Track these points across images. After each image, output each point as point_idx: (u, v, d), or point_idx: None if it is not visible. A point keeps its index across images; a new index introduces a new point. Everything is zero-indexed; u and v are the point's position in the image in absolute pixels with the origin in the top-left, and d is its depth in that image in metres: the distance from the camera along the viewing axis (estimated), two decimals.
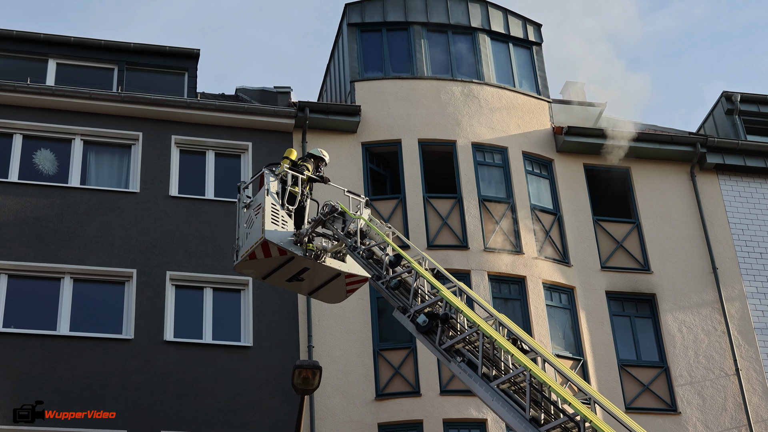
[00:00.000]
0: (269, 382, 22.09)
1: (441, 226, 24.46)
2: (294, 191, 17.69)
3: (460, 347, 15.03)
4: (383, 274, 16.55)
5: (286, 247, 16.93)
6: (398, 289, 16.21)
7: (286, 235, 17.08)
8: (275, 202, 17.29)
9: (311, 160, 18.57)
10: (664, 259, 25.57)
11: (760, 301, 25.49)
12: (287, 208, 17.46)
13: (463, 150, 25.39)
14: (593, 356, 23.76)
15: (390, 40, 27.08)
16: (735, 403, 24.06)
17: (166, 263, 23.04)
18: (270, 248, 16.98)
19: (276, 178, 17.68)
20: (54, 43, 25.97)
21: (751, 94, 29.04)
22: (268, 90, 26.73)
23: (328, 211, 17.33)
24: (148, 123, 24.69)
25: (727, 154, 27.09)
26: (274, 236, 16.87)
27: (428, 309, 15.62)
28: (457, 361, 14.85)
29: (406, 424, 22.28)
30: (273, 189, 17.43)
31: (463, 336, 14.99)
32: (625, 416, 13.37)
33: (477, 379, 14.44)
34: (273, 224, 16.99)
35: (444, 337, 15.25)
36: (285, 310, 22.95)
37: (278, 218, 17.12)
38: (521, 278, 24.01)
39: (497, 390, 14.13)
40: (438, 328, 15.27)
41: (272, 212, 17.06)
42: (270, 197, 17.24)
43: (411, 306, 15.87)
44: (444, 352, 15.08)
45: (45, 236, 22.83)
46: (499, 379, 14.25)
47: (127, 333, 22.17)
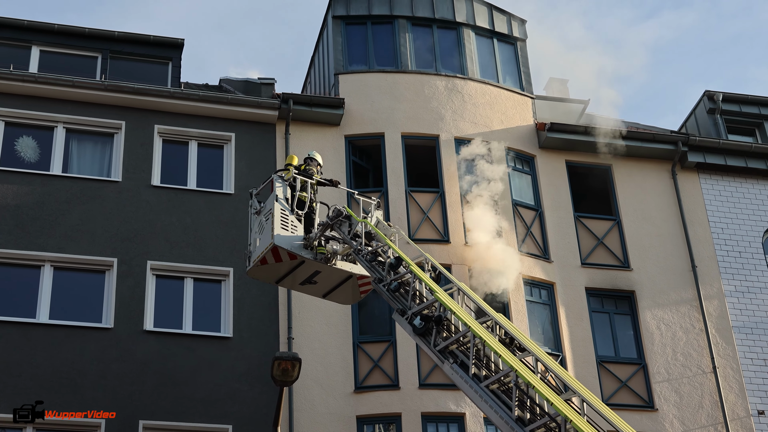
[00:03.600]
0: (248, 373, 22.10)
1: (422, 219, 24.50)
2: (303, 196, 18.15)
3: (454, 349, 15.20)
4: (385, 276, 16.77)
5: (295, 251, 17.47)
6: (398, 291, 16.46)
7: (295, 239, 17.59)
8: (284, 207, 17.75)
9: (312, 163, 19.01)
10: (643, 256, 25.69)
11: (738, 300, 25.64)
12: (296, 213, 17.86)
13: (446, 144, 25.44)
14: (572, 352, 23.86)
15: (375, 34, 27.08)
16: (712, 400, 24.21)
17: (147, 253, 23.01)
18: (280, 253, 17.51)
19: (284, 183, 18.10)
20: (38, 30, 25.87)
21: (733, 94, 29.18)
22: (252, 81, 26.71)
23: (335, 215, 17.74)
24: (131, 112, 24.64)
25: (708, 153, 27.22)
26: (283, 241, 17.39)
27: (426, 311, 15.76)
28: (450, 362, 15.01)
29: (384, 417, 22.34)
30: (282, 195, 17.91)
31: (456, 338, 15.16)
32: (616, 417, 13.43)
33: (468, 380, 14.63)
34: (283, 229, 17.49)
35: (438, 338, 15.45)
36: (265, 301, 22.96)
37: (288, 223, 17.60)
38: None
39: (485, 390, 14.32)
40: (433, 330, 15.43)
41: (281, 218, 17.53)
42: (279, 203, 17.70)
43: (409, 308, 16.04)
44: (438, 354, 15.29)
45: (25, 224, 22.76)
46: (488, 380, 14.40)
47: (106, 322, 22.13)
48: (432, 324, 15.52)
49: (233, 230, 23.61)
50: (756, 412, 24.28)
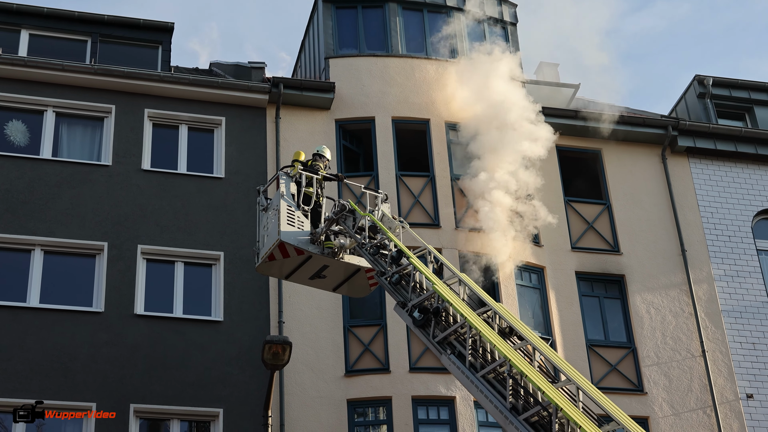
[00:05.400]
0: (239, 356, 22.13)
1: (413, 204, 24.52)
2: (309, 192, 18.43)
3: (452, 340, 15.33)
4: (387, 269, 16.94)
5: (302, 246, 17.80)
6: (399, 284, 16.65)
7: (302, 234, 17.90)
8: (290, 203, 18.04)
9: (320, 159, 19.28)
10: (633, 240, 25.76)
11: (728, 284, 25.73)
12: (303, 209, 18.15)
13: (437, 128, 25.43)
14: (562, 336, 23.93)
15: (365, 18, 27.03)
16: (701, 384, 24.31)
17: (137, 237, 23.00)
18: (287, 249, 17.84)
19: (290, 180, 18.39)
20: (27, 13, 25.75)
21: (723, 78, 29.19)
22: (243, 65, 26.67)
23: (339, 209, 17.96)
24: (121, 96, 24.57)
25: (698, 137, 27.27)
26: (289, 237, 17.72)
27: (426, 303, 15.87)
28: (447, 353, 15.13)
29: (375, 401, 22.39)
30: (288, 191, 18.20)
31: (454, 328, 15.28)
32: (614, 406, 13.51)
33: (465, 371, 14.77)
34: (289, 225, 17.80)
35: (437, 330, 15.60)
36: (256, 285, 22.97)
37: (294, 219, 17.89)
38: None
39: (481, 381, 14.46)
40: (432, 322, 15.55)
41: (288, 214, 17.84)
42: (284, 200, 18.00)
43: (409, 300, 16.16)
44: (437, 345, 15.43)
45: (16, 208, 22.72)
46: (484, 370, 14.52)
47: (97, 306, 22.13)
48: (431, 315, 15.67)
49: (223, 214, 23.61)
50: (745, 395, 24.40)
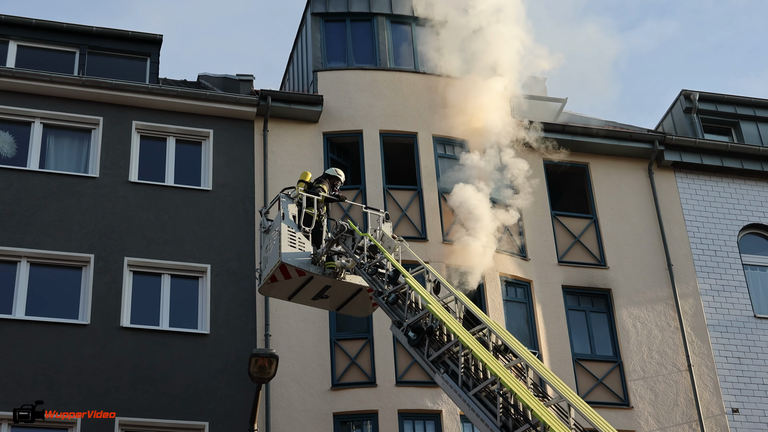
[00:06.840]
0: (225, 370, 22.10)
1: (400, 217, 24.54)
2: (310, 213, 18.55)
3: (446, 359, 15.37)
4: (384, 289, 17.01)
5: (303, 267, 17.95)
6: (395, 303, 16.74)
7: (303, 255, 18.05)
8: (291, 225, 18.20)
9: (326, 180, 19.52)
10: (620, 254, 25.82)
11: (714, 298, 25.80)
12: (304, 230, 18.29)
13: (424, 142, 25.47)
14: (548, 350, 23.96)
15: (353, 31, 27.08)
16: (686, 398, 24.36)
17: (124, 249, 22.97)
18: (288, 270, 17.99)
19: (292, 201, 18.58)
20: (15, 24, 25.72)
21: (710, 93, 29.29)
22: (231, 78, 26.67)
23: (338, 230, 18.04)
24: (108, 108, 24.56)
25: (684, 152, 27.36)
26: (290, 258, 17.87)
27: (421, 322, 15.91)
28: (441, 372, 15.18)
29: (361, 414, 22.38)
30: (289, 213, 18.39)
31: (447, 347, 15.35)
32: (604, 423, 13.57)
33: (457, 389, 14.85)
34: (290, 247, 17.96)
35: (431, 349, 15.67)
36: (243, 298, 22.96)
37: (295, 240, 18.05)
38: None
39: (473, 399, 14.54)
40: (426, 341, 15.59)
41: (289, 235, 18.02)
42: (285, 221, 18.15)
43: (405, 320, 16.20)
44: (431, 365, 15.50)
45: (2, 219, 22.66)
46: (476, 388, 14.59)
47: (83, 318, 22.08)
48: (425, 335, 15.70)
49: (211, 227, 23.60)
50: (730, 410, 24.45)
